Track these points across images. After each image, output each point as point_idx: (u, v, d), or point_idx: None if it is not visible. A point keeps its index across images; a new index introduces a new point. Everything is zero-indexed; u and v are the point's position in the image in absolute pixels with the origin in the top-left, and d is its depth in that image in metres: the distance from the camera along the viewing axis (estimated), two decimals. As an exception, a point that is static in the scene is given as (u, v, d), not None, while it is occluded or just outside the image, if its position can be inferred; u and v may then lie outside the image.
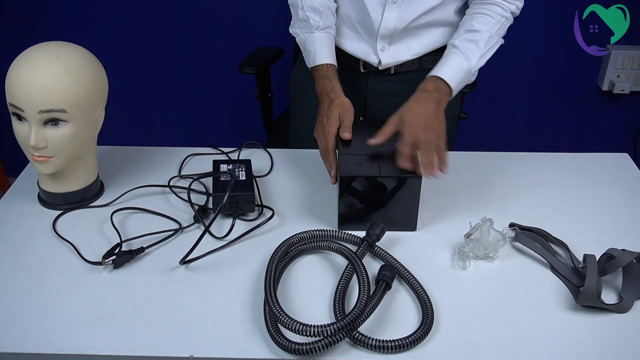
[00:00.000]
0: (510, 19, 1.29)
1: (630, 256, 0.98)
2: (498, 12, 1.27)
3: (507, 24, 1.29)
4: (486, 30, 1.25)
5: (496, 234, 1.04)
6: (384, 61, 1.37)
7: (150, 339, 0.90)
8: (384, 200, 1.12)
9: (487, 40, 1.25)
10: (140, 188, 1.24)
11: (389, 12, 1.30)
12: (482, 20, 1.26)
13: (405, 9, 1.30)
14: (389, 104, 1.42)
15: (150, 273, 1.02)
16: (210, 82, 2.37)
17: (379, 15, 1.31)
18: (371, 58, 1.38)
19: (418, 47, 1.37)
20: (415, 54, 1.38)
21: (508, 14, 1.28)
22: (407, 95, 1.42)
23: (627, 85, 2.26)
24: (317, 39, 1.30)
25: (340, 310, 0.93)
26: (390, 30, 1.32)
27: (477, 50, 1.24)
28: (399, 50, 1.37)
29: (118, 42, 2.29)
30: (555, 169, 1.33)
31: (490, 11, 1.27)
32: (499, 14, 1.27)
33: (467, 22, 1.28)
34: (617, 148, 1.79)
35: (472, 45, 1.24)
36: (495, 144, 2.38)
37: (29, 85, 1.02)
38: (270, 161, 1.36)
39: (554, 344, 0.90)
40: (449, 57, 1.23)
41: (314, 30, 1.30)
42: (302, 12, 1.32)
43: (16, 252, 1.06)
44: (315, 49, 1.29)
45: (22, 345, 0.88)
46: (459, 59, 1.22)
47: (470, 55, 1.23)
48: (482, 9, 1.28)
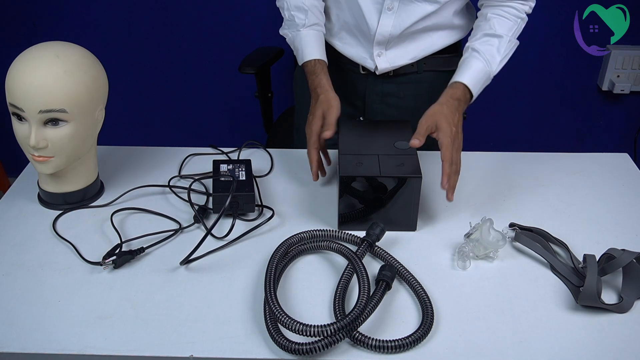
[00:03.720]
0: (525, 19, 1.29)
1: (630, 256, 0.98)
2: (513, 13, 1.26)
3: (523, 25, 1.29)
4: (505, 34, 1.24)
5: (496, 234, 1.04)
6: (380, 66, 1.36)
7: (150, 339, 0.90)
8: (384, 200, 1.12)
9: (507, 45, 1.24)
10: (140, 188, 1.24)
11: (385, 18, 1.29)
12: (499, 23, 1.25)
13: (401, 16, 1.29)
14: (388, 105, 1.42)
15: (150, 273, 1.02)
16: (210, 82, 2.37)
17: (375, 22, 1.30)
18: (368, 63, 1.38)
19: (415, 51, 1.37)
20: (412, 58, 1.37)
21: (523, 14, 1.28)
22: (406, 96, 1.42)
23: (627, 85, 2.26)
24: (303, 37, 1.31)
25: (340, 310, 0.93)
26: (386, 37, 1.32)
27: (497, 55, 1.23)
28: (396, 55, 1.36)
29: (118, 42, 2.29)
30: (555, 169, 1.33)
31: (506, 12, 1.26)
32: (515, 15, 1.26)
33: (484, 25, 1.27)
34: (617, 148, 1.79)
35: (493, 49, 1.23)
36: (495, 144, 2.38)
37: (29, 85, 1.02)
38: (270, 161, 1.36)
39: (554, 344, 0.90)
40: (471, 62, 1.22)
41: (300, 28, 1.32)
42: (287, 12, 1.34)
43: (16, 252, 1.06)
44: (302, 46, 1.30)
45: (22, 345, 0.88)
46: (481, 65, 1.22)
47: (492, 61, 1.23)
48: (498, 10, 1.27)
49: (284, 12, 1.35)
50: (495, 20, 1.25)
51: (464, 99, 1.20)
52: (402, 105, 1.42)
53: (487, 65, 1.22)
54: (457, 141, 1.14)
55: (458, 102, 1.18)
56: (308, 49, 1.29)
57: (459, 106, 1.18)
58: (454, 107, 1.17)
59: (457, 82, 1.20)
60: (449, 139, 1.11)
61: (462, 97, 1.19)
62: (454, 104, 1.17)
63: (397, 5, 1.27)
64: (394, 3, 1.27)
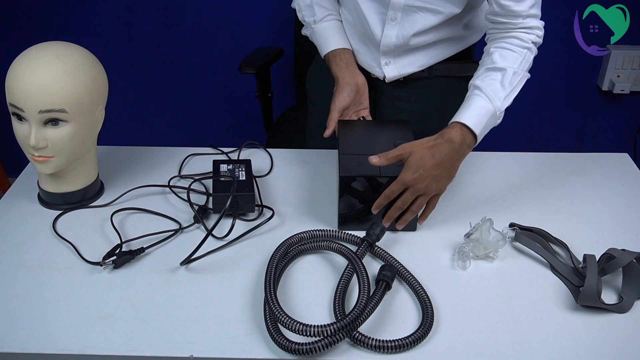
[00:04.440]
0: (533, 49, 1.18)
1: (630, 256, 0.98)
2: (517, 44, 1.16)
3: (531, 56, 1.18)
4: (509, 66, 1.14)
5: (496, 234, 1.04)
6: (388, 75, 1.35)
7: (150, 339, 0.90)
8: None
9: (512, 78, 1.14)
10: (140, 188, 1.24)
11: (389, 29, 1.28)
12: (503, 55, 1.16)
13: (405, 27, 1.27)
14: (399, 110, 1.41)
15: (150, 273, 1.02)
16: (210, 82, 2.37)
17: (379, 32, 1.29)
18: (376, 71, 1.36)
19: (424, 59, 1.34)
20: (421, 66, 1.35)
21: (529, 44, 1.17)
22: (417, 101, 1.40)
23: (627, 85, 2.26)
24: (317, 33, 1.34)
25: (340, 310, 0.93)
26: (390, 47, 1.30)
27: (501, 90, 1.13)
28: (404, 63, 1.34)
29: (118, 42, 2.29)
30: (555, 169, 1.33)
31: (510, 44, 1.16)
32: (519, 46, 1.16)
33: (487, 60, 1.18)
34: (617, 148, 1.79)
35: (496, 84, 1.13)
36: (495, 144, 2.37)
37: (29, 85, 1.02)
38: (270, 161, 1.36)
39: (554, 344, 0.90)
40: (471, 100, 1.13)
41: (312, 25, 1.34)
42: (300, 14, 1.36)
43: (16, 252, 1.06)
44: (319, 42, 1.34)
45: (22, 345, 0.88)
46: (482, 102, 1.12)
47: (494, 96, 1.12)
48: (501, 43, 1.17)
49: (299, 14, 1.37)
50: (497, 54, 1.16)
51: (461, 140, 1.09)
52: (413, 109, 1.40)
53: (489, 101, 1.12)
54: (422, 186, 1.06)
55: (450, 143, 1.08)
56: (324, 43, 1.33)
57: (450, 149, 1.08)
58: (443, 150, 1.08)
59: (454, 122, 1.11)
60: (404, 177, 1.05)
61: (456, 138, 1.09)
62: (444, 147, 1.08)
63: (400, 15, 1.25)
64: (397, 14, 1.25)
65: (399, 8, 1.24)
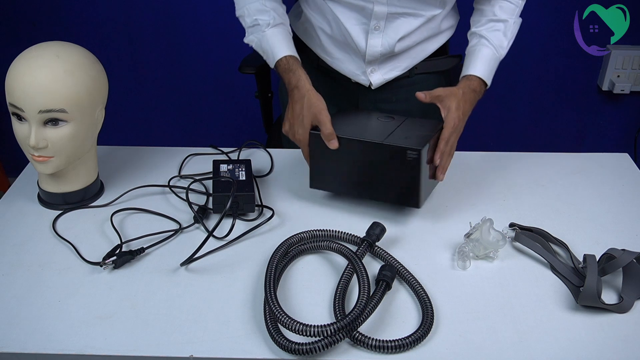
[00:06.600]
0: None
1: (630, 256, 0.98)
2: None
3: (523, 4, 1.31)
4: (510, 18, 1.28)
5: (496, 234, 1.04)
6: (374, 82, 1.35)
7: (150, 339, 0.90)
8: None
9: (513, 28, 1.28)
10: (140, 188, 1.24)
11: (373, 39, 1.28)
12: (503, 7, 1.28)
13: (389, 34, 1.27)
14: (381, 110, 1.41)
15: (150, 273, 1.02)
16: (210, 82, 2.37)
17: (363, 43, 1.29)
18: (361, 80, 1.36)
19: (407, 61, 1.36)
20: (405, 68, 1.37)
21: None
22: (398, 100, 1.41)
23: (627, 85, 2.26)
24: (270, 36, 1.25)
25: (340, 310, 0.93)
26: (377, 57, 1.31)
27: (505, 39, 1.27)
28: (389, 68, 1.35)
29: (118, 42, 2.29)
30: (555, 169, 1.33)
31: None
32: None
33: (488, 10, 1.29)
34: (617, 148, 1.79)
35: (500, 35, 1.27)
36: (495, 144, 2.38)
37: (29, 85, 1.02)
38: (270, 161, 1.36)
39: (554, 344, 0.90)
40: (481, 50, 1.26)
41: (265, 29, 1.26)
42: (249, 19, 1.29)
43: (16, 252, 1.06)
44: (271, 46, 1.25)
45: (22, 345, 0.88)
46: (491, 52, 1.25)
47: (500, 46, 1.26)
48: None
49: (244, 20, 1.30)
50: (498, 4, 1.28)
51: (480, 91, 1.24)
52: (395, 109, 1.41)
53: (496, 51, 1.26)
54: (459, 128, 1.17)
55: (474, 94, 1.22)
56: (277, 47, 1.24)
57: (474, 99, 1.22)
58: (469, 98, 1.20)
59: (472, 75, 1.23)
60: (452, 122, 1.15)
61: (477, 89, 1.23)
62: (470, 96, 1.21)
63: (383, 24, 1.26)
64: (380, 22, 1.26)
65: (382, 17, 1.24)
